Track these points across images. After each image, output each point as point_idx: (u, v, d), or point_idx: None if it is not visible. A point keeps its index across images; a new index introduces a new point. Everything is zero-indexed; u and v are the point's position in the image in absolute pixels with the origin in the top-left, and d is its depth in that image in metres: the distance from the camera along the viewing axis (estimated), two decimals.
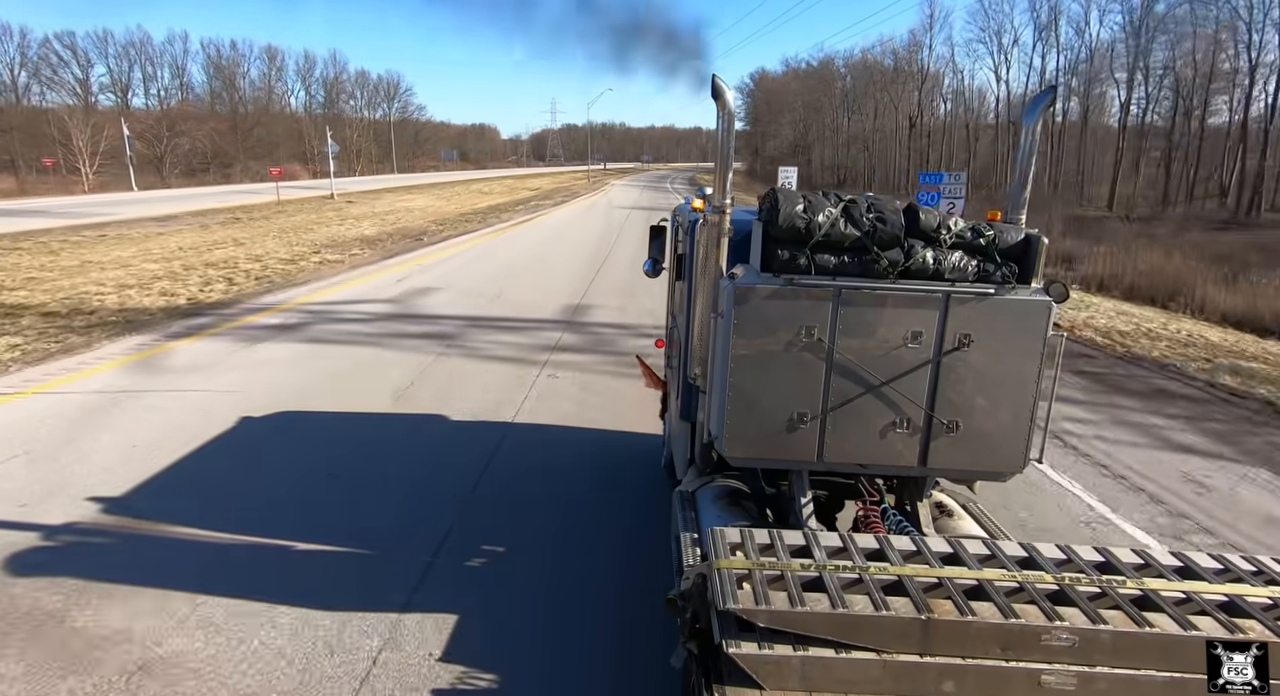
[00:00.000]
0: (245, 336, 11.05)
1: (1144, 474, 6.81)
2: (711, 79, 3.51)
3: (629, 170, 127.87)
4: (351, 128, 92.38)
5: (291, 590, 4.53)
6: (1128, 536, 5.60)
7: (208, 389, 8.42)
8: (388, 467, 6.40)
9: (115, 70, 73.01)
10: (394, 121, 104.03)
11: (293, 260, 18.97)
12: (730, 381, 3.39)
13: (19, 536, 5.13)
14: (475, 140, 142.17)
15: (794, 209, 3.29)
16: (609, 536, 5.35)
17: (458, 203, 42.87)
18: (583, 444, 7.11)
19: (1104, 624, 2.49)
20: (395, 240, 24.15)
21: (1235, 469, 6.97)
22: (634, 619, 4.34)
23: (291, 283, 15.90)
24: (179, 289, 14.54)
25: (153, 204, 37.33)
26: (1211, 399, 9.18)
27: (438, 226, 29.01)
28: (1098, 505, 6.15)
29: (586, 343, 11.12)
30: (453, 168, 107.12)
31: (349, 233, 26.07)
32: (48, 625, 4.19)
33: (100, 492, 5.79)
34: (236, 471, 6.28)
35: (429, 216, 33.40)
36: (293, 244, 22.38)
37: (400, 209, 37.35)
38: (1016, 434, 3.43)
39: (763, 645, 2.50)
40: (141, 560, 4.87)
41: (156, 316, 12.25)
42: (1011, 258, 3.36)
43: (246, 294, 14.50)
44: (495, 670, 3.91)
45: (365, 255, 20.50)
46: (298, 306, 13.39)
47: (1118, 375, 10.17)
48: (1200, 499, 6.32)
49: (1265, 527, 5.85)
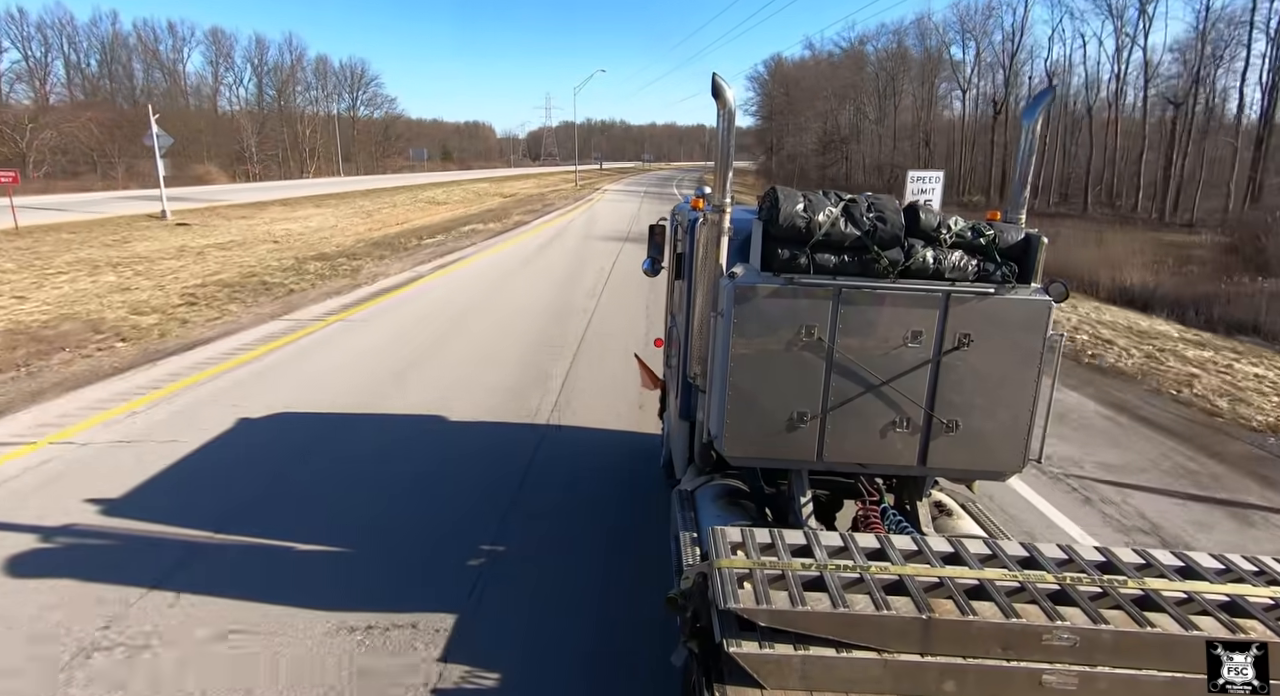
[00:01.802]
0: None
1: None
2: (712, 77, 3.50)
3: (628, 170, 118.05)
4: (304, 123, 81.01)
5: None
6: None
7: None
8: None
9: (32, 56, 62.48)
10: (357, 116, 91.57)
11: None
12: (730, 380, 3.38)
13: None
14: (468, 139, 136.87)
15: (794, 208, 3.29)
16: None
17: (365, 226, 27.80)
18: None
19: (1105, 624, 2.48)
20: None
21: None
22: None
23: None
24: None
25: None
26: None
27: (215, 300, 13.37)
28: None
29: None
30: (433, 168, 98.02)
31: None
32: None
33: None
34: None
35: (243, 266, 17.44)
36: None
37: (234, 242, 21.73)
38: (1016, 433, 3.43)
39: (764, 644, 2.49)
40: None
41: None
42: (1012, 257, 3.37)
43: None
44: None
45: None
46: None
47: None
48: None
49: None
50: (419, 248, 21.85)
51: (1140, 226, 31.50)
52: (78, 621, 4.20)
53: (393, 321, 12.16)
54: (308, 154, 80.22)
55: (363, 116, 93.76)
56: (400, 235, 24.81)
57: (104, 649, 3.98)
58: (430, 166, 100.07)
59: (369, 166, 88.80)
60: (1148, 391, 9.41)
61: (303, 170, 76.98)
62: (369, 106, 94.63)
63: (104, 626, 4.16)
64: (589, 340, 11.00)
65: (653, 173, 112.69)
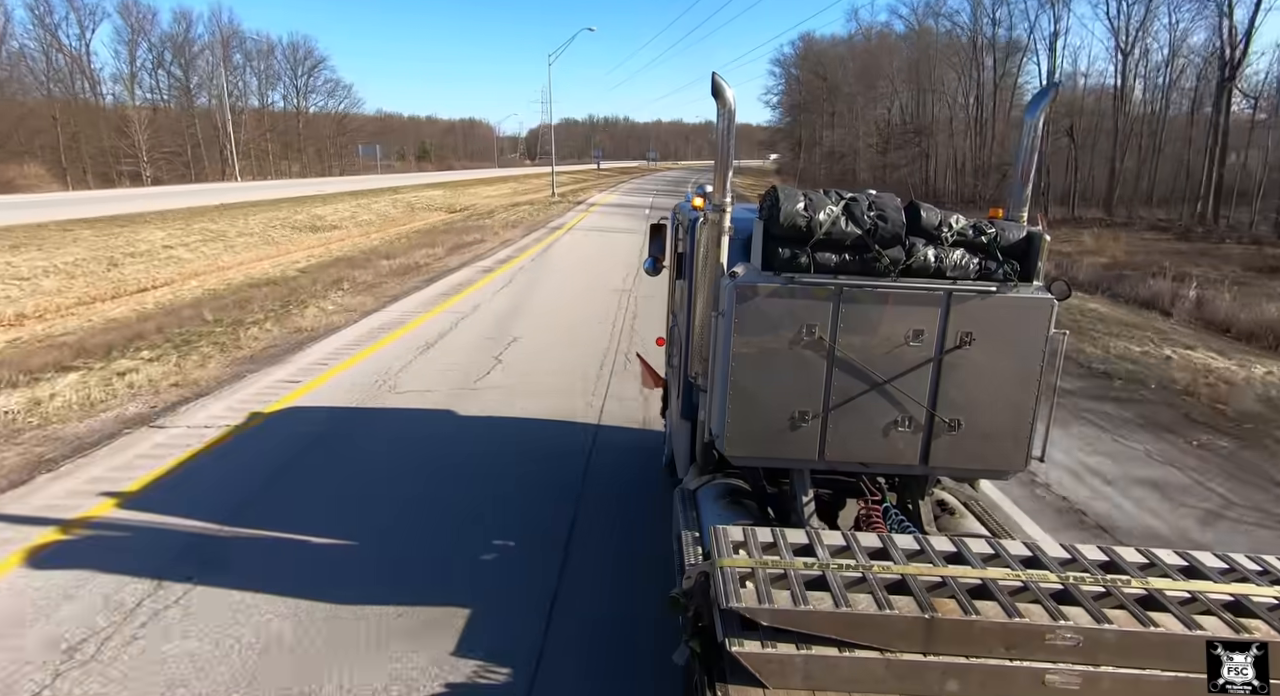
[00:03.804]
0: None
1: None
2: (712, 77, 3.49)
3: (630, 171, 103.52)
4: (226, 115, 64.58)
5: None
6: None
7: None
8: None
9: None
10: (303, 108, 74.47)
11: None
12: (731, 380, 3.38)
13: None
14: (462, 137, 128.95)
15: (795, 207, 3.28)
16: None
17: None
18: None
19: (1108, 623, 2.47)
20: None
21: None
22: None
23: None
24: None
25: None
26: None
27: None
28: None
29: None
30: (405, 169, 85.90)
31: None
32: None
33: None
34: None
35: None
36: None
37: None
38: (1018, 432, 3.42)
39: (766, 644, 2.48)
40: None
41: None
42: (1013, 255, 3.36)
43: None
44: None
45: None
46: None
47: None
48: None
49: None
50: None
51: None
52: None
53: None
54: (234, 153, 64.15)
55: (317, 110, 78.27)
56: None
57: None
58: (404, 167, 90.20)
59: (318, 168, 74.46)
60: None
61: (224, 172, 61.54)
62: (327, 97, 79.40)
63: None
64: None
65: (659, 173, 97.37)
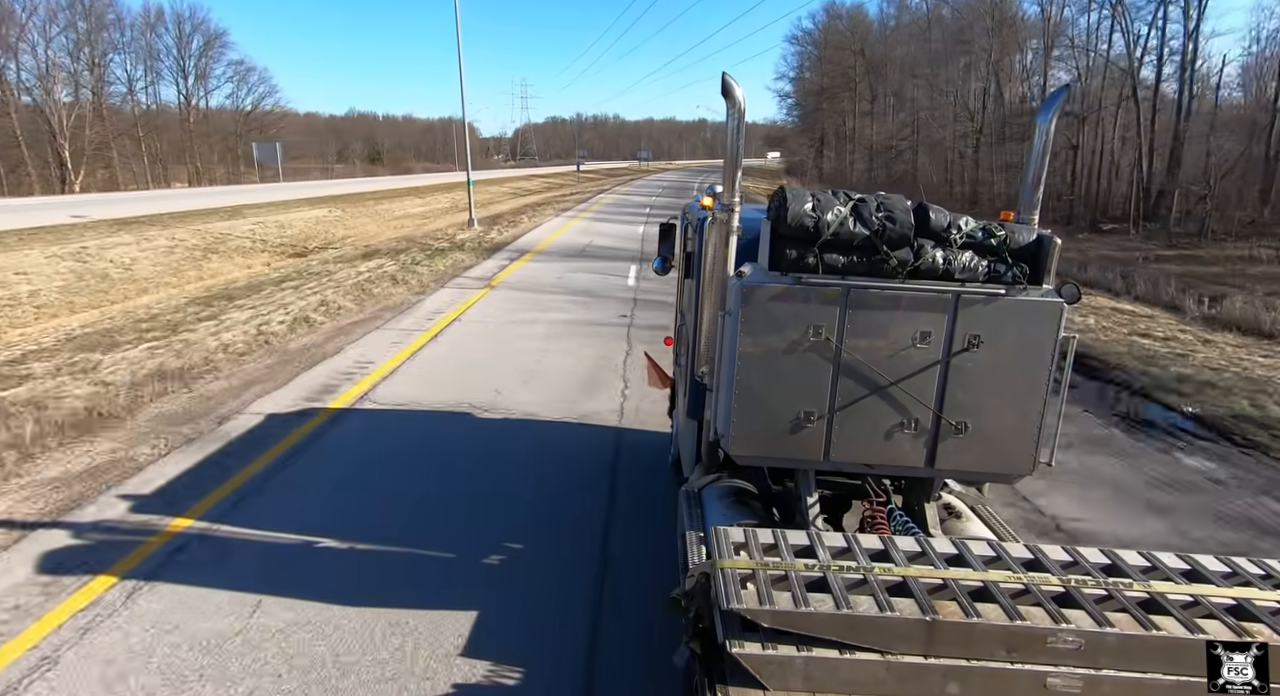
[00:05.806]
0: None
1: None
2: (721, 77, 3.49)
3: (618, 173, 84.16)
4: (68, 110, 45.72)
5: None
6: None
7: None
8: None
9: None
10: (194, 102, 56.38)
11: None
12: (737, 380, 3.39)
13: None
14: (442, 137, 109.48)
15: (802, 208, 3.28)
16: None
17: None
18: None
19: (1110, 627, 2.48)
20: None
21: None
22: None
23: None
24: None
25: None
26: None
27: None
28: None
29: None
30: (346, 173, 68.72)
31: None
32: None
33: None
34: None
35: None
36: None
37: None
38: (1025, 436, 3.41)
39: (766, 645, 2.50)
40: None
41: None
42: (1023, 258, 3.34)
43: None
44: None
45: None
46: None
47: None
48: None
49: None
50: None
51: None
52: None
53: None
54: (71, 156, 45.41)
55: (221, 106, 60.96)
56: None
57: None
58: (345, 171, 72.37)
59: (221, 173, 58.20)
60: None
61: (64, 181, 44.51)
62: (235, 89, 62.00)
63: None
64: None
65: (653, 175, 79.54)
